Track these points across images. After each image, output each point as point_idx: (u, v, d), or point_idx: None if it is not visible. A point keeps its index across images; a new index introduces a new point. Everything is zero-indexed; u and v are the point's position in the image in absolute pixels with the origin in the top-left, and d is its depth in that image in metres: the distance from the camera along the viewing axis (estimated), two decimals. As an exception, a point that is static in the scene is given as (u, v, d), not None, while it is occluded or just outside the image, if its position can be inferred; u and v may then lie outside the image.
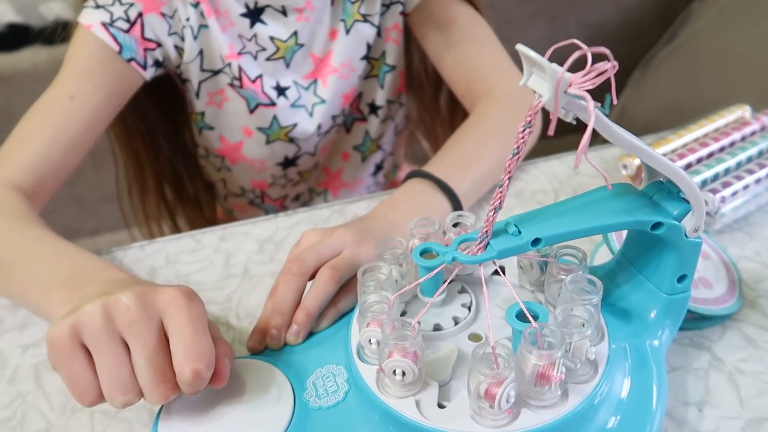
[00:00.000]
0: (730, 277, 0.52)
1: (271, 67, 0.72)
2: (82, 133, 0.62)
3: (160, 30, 0.65)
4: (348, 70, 0.75)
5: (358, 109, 0.82)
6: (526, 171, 0.69)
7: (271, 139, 0.77)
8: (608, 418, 0.38)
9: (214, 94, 0.73)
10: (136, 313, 0.37)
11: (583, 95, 0.30)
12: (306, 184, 0.88)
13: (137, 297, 0.37)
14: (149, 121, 0.79)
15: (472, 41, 0.73)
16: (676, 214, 0.38)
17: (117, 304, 0.37)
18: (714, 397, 0.44)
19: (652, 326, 0.42)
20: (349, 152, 0.86)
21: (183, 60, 0.68)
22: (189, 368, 0.36)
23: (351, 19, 0.72)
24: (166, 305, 0.38)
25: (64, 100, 0.61)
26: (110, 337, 0.37)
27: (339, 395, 0.40)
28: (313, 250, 0.48)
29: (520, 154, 0.34)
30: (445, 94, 0.86)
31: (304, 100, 0.75)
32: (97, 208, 1.54)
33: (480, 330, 0.42)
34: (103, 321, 0.37)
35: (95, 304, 0.37)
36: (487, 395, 0.34)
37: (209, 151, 0.81)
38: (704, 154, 0.62)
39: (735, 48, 1.38)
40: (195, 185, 0.90)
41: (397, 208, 0.57)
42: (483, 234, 0.36)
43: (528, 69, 0.32)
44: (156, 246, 0.62)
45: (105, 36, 0.62)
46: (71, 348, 0.37)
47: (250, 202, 0.89)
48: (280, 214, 0.65)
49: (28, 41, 1.26)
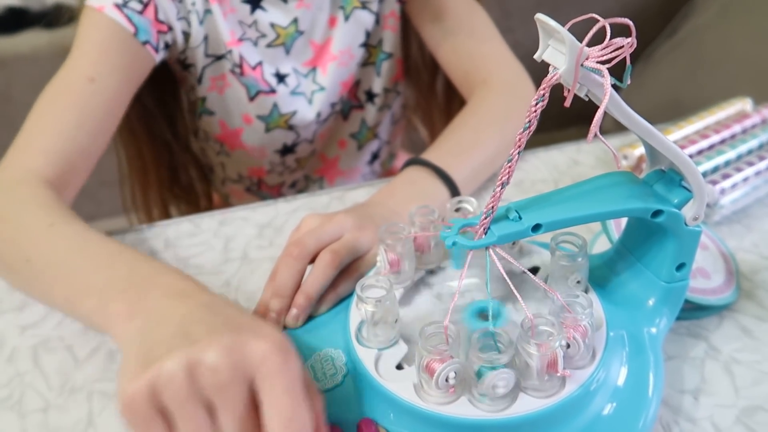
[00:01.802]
0: (727, 268, 0.52)
1: (271, 53, 0.72)
2: (106, 116, 0.60)
3: (171, 13, 0.64)
4: (347, 57, 0.75)
5: (355, 97, 0.82)
6: (526, 161, 0.69)
7: (271, 127, 0.77)
8: (604, 405, 0.38)
9: (216, 79, 0.72)
10: (226, 376, 0.32)
11: (600, 69, 0.30)
12: (302, 171, 0.88)
13: (226, 356, 0.32)
14: (147, 107, 0.78)
15: (470, 29, 0.73)
16: (676, 202, 0.38)
17: (202, 364, 0.32)
18: (709, 385, 0.44)
19: (650, 314, 0.42)
20: (346, 140, 0.86)
21: (189, 45, 0.68)
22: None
23: (350, 6, 0.72)
24: (259, 365, 0.32)
25: (84, 82, 0.58)
26: (195, 404, 0.32)
27: (337, 378, 0.40)
28: (314, 234, 0.48)
29: (531, 128, 0.33)
30: (442, 80, 0.85)
31: (303, 88, 0.75)
32: (95, 193, 1.53)
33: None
34: (187, 384, 0.32)
35: (176, 362, 0.32)
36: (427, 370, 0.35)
37: (209, 135, 0.81)
38: (705, 146, 0.62)
39: (736, 43, 1.37)
40: (189, 173, 0.90)
41: (396, 195, 0.57)
42: (489, 209, 0.36)
43: (544, 42, 0.32)
44: (155, 230, 0.62)
45: (119, 17, 0.60)
46: (150, 413, 0.32)
47: (247, 188, 0.89)
48: (279, 199, 0.65)
49: (27, 24, 1.26)
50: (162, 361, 0.32)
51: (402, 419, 0.37)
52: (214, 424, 0.32)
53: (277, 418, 0.32)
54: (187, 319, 0.35)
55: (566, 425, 0.37)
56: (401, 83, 0.85)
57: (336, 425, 0.37)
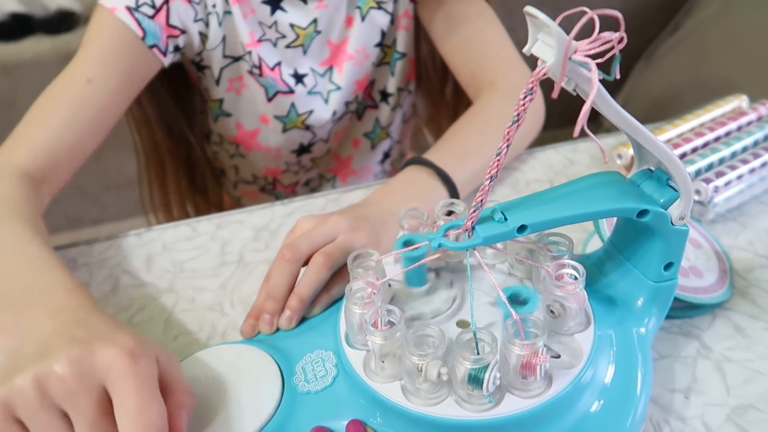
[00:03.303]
0: (721, 267, 0.52)
1: (290, 54, 0.72)
2: (98, 116, 0.60)
3: (186, 16, 0.65)
4: (363, 57, 0.75)
5: (370, 97, 0.82)
6: (522, 160, 0.70)
7: (288, 127, 0.77)
8: (592, 403, 0.38)
9: (234, 80, 0.73)
10: (73, 385, 0.33)
11: (588, 62, 0.30)
12: (317, 170, 0.88)
13: (72, 366, 0.33)
14: (167, 110, 0.79)
15: (479, 31, 0.73)
16: (662, 201, 0.38)
17: (50, 376, 0.33)
18: (701, 384, 0.44)
19: (639, 314, 0.42)
20: (360, 139, 0.86)
21: (206, 47, 0.68)
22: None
23: (366, 6, 0.73)
24: (107, 371, 0.34)
25: (82, 82, 0.60)
26: (47, 413, 0.33)
27: (327, 380, 0.40)
28: (307, 237, 0.49)
29: (520, 122, 0.34)
30: (451, 86, 0.86)
31: (320, 87, 0.76)
32: (100, 197, 1.55)
33: (468, 317, 0.42)
34: (36, 396, 0.33)
35: (26, 377, 0.33)
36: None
37: (224, 138, 0.82)
38: (699, 144, 0.62)
39: (739, 38, 1.37)
40: (204, 174, 0.90)
41: (393, 194, 0.57)
42: (478, 202, 0.36)
43: (533, 35, 0.32)
44: (152, 234, 0.63)
45: (129, 20, 0.61)
46: (4, 425, 0.33)
47: (262, 188, 0.90)
48: (276, 202, 0.66)
49: (31, 31, 1.27)
50: (13, 379, 0.33)
51: (390, 420, 0.37)
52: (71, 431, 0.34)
53: (125, 416, 0.33)
54: (52, 335, 0.36)
55: (554, 423, 0.37)
56: (412, 82, 0.85)
57: (324, 428, 0.38)
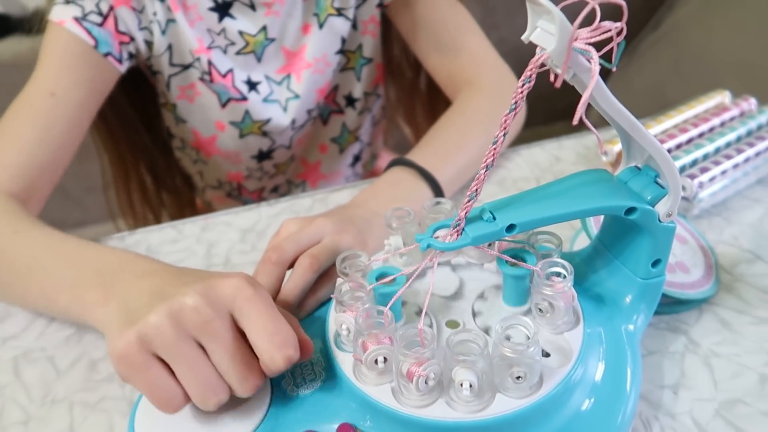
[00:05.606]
0: (707, 262, 0.52)
1: (242, 61, 0.71)
2: (68, 130, 0.60)
3: (131, 23, 0.64)
4: (323, 65, 0.74)
5: (334, 102, 0.81)
6: (508, 158, 0.70)
7: (245, 133, 0.76)
8: (582, 401, 0.38)
9: (185, 88, 0.72)
10: (207, 313, 0.35)
11: (589, 50, 0.30)
12: (283, 176, 0.87)
13: (202, 296, 0.35)
14: (125, 113, 0.78)
15: (453, 30, 0.72)
16: (649, 199, 0.38)
17: (183, 308, 0.35)
18: (689, 379, 0.44)
19: (628, 311, 0.42)
20: (327, 144, 0.85)
21: (153, 53, 0.68)
22: (280, 357, 0.35)
23: (324, 13, 0.71)
24: (233, 299, 0.36)
25: (45, 96, 0.59)
26: (186, 343, 0.35)
27: (316, 383, 0.40)
28: (293, 239, 0.48)
29: (517, 110, 0.33)
30: (425, 78, 0.85)
31: (277, 95, 0.74)
32: (82, 200, 1.53)
33: (457, 317, 0.42)
34: (173, 329, 0.34)
35: (160, 313, 0.34)
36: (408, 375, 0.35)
37: (185, 142, 0.81)
38: (684, 140, 0.62)
39: (719, 35, 1.38)
40: (173, 177, 0.90)
41: (378, 196, 0.57)
42: (473, 191, 0.36)
43: (533, 22, 0.32)
44: (137, 237, 0.62)
45: (79, 31, 0.61)
46: (144, 360, 0.35)
47: (228, 194, 0.89)
48: (262, 203, 0.65)
49: (9, 31, 1.25)
50: (146, 317, 0.35)
51: (380, 423, 0.37)
52: (209, 358, 0.35)
53: (262, 335, 0.35)
54: (159, 286, 0.38)
55: (545, 423, 0.37)
56: (381, 86, 0.85)
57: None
